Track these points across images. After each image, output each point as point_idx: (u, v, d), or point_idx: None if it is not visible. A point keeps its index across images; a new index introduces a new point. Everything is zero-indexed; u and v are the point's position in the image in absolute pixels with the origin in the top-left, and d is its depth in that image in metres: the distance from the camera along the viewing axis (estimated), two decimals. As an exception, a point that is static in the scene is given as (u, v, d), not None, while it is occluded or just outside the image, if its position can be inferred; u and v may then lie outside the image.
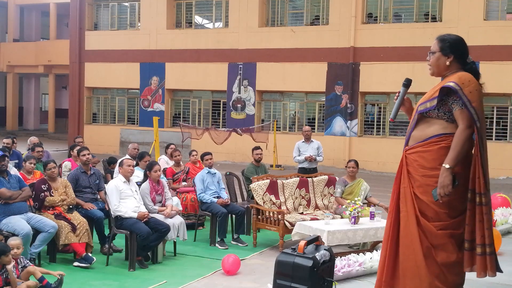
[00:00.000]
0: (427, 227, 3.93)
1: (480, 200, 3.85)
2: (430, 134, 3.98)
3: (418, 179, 3.98)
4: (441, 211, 3.92)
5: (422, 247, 3.93)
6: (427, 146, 3.97)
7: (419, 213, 3.96)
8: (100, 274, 6.35)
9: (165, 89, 20.54)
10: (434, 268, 3.93)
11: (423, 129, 4.03)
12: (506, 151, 15.99)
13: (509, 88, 15.91)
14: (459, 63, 4.05)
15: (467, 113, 3.84)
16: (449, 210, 3.93)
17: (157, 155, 12.33)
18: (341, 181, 8.15)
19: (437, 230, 3.92)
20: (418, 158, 3.99)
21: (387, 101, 17.71)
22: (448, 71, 4.05)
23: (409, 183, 4.02)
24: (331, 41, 17.92)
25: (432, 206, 3.93)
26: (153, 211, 6.98)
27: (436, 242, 3.94)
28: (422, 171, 3.96)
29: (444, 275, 3.93)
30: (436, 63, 4.07)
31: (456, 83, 3.86)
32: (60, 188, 6.89)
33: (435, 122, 3.99)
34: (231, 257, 6.41)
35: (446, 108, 3.94)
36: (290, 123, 19.48)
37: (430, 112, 4.00)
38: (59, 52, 25.38)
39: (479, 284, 5.73)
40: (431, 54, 4.09)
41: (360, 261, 6.22)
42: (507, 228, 8.60)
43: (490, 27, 16.17)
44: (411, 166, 4.03)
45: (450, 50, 4.02)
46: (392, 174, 15.68)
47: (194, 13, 20.70)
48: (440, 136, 3.94)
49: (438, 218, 3.93)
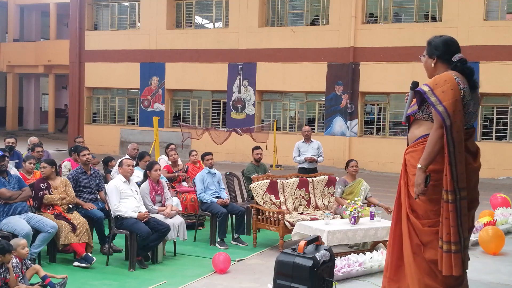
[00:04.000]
0: (416, 224, 4.06)
1: (446, 197, 3.93)
2: (418, 135, 4.15)
3: (411, 178, 4.11)
4: (429, 208, 4.03)
5: (411, 244, 4.06)
6: (416, 146, 4.13)
7: (410, 210, 4.09)
8: (100, 274, 6.35)
9: (165, 89, 20.54)
10: (424, 265, 4.03)
11: (413, 130, 4.22)
12: (506, 151, 15.98)
13: (509, 88, 15.90)
14: (446, 63, 4.14)
15: (435, 113, 3.94)
16: (437, 208, 4.00)
17: (157, 155, 12.32)
18: (341, 181, 8.14)
19: (423, 227, 4.03)
20: (409, 158, 4.16)
21: (387, 101, 17.71)
22: (437, 72, 4.17)
23: (405, 181, 4.19)
24: (331, 41, 17.93)
25: (422, 204, 4.04)
26: (153, 211, 6.98)
27: (425, 239, 4.04)
28: (413, 170, 4.07)
29: (434, 273, 4.02)
30: (425, 66, 4.26)
31: (428, 85, 4.01)
32: (60, 187, 6.89)
33: (423, 124, 4.14)
34: (221, 255, 6.45)
35: (429, 110, 4.07)
36: (290, 123, 19.48)
37: (417, 114, 4.16)
38: (59, 52, 25.36)
39: (479, 284, 5.73)
40: (423, 57, 4.27)
41: (360, 261, 6.21)
42: (507, 228, 8.60)
43: (490, 27, 16.17)
44: (407, 166, 4.19)
45: (434, 52, 4.17)
46: (392, 174, 15.74)
47: (194, 13, 20.70)
48: (425, 137, 4.07)
49: (427, 216, 4.05)
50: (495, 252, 7.29)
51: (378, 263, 6.27)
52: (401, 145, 4.41)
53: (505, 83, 15.73)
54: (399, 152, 4.47)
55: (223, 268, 6.37)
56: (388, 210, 7.71)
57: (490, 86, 15.43)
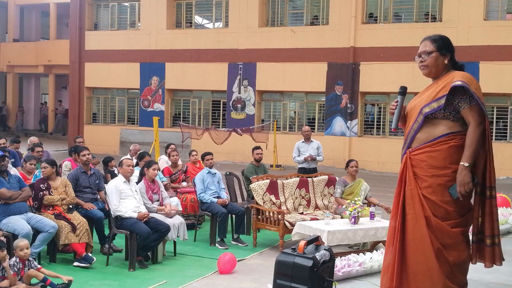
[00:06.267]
0: (439, 226, 3.93)
1: (490, 194, 3.96)
2: (437, 134, 4.00)
3: (427, 179, 3.98)
4: (451, 209, 3.94)
5: (433, 248, 3.92)
6: (436, 146, 3.98)
7: (430, 213, 3.95)
8: (100, 274, 6.35)
9: (165, 89, 20.54)
10: (446, 269, 3.93)
11: (428, 130, 4.04)
12: (506, 151, 15.98)
13: (509, 88, 15.90)
14: (452, 62, 4.14)
15: (477, 109, 3.89)
16: (458, 208, 3.96)
17: (157, 155, 12.32)
18: (341, 181, 8.15)
19: (450, 228, 3.94)
20: (426, 159, 3.99)
21: (387, 101, 17.70)
22: (444, 70, 4.12)
23: (416, 184, 4.01)
24: (331, 41, 17.93)
25: (442, 205, 3.94)
26: (152, 210, 6.98)
27: (448, 242, 3.94)
28: (432, 171, 3.96)
29: (454, 275, 3.95)
30: (435, 63, 4.12)
31: (463, 81, 3.91)
32: (60, 187, 6.89)
33: (441, 123, 4.01)
34: (227, 255, 6.44)
35: (451, 108, 3.98)
36: (290, 123, 19.48)
37: (436, 113, 4.02)
38: (59, 52, 25.37)
39: (479, 284, 5.73)
40: (427, 55, 4.14)
41: (360, 261, 6.22)
42: (507, 228, 8.61)
43: (490, 27, 16.17)
44: (418, 167, 4.02)
45: (447, 50, 4.10)
46: (392, 174, 15.73)
47: (194, 13, 20.70)
48: (448, 135, 3.97)
49: (448, 217, 3.94)
50: (495, 252, 7.28)
51: (378, 263, 6.26)
52: (401, 145, 4.33)
53: (505, 83, 15.72)
54: (399, 152, 4.38)
55: (229, 268, 6.34)
56: (388, 210, 7.70)
57: (490, 86, 15.41)
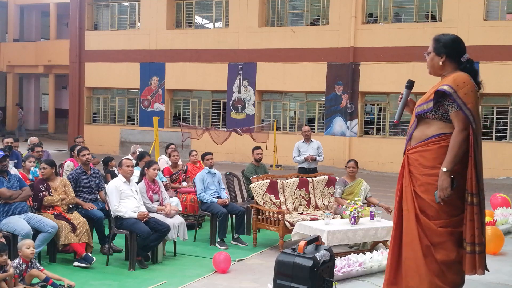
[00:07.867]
0: (427, 225, 3.98)
1: (471, 200, 3.92)
2: (429, 134, 4.05)
3: (419, 178, 4.04)
4: (442, 209, 3.97)
5: (421, 245, 3.98)
6: (427, 146, 4.04)
7: (419, 211, 4.01)
8: (100, 274, 6.34)
9: (165, 89, 20.54)
10: (434, 267, 3.97)
11: (423, 129, 4.10)
12: (506, 151, 15.98)
13: (509, 88, 15.90)
14: (454, 62, 4.10)
15: (462, 115, 3.90)
16: (450, 208, 3.98)
17: (157, 155, 12.32)
18: (341, 181, 8.14)
19: (437, 228, 3.97)
20: (419, 158, 4.06)
21: (387, 101, 17.71)
22: (444, 71, 4.13)
23: (410, 182, 4.08)
24: (331, 41, 17.93)
25: (433, 205, 3.98)
26: (152, 210, 6.98)
27: (436, 240, 3.98)
28: (423, 170, 4.02)
29: (443, 274, 3.97)
30: (431, 63, 4.16)
31: (450, 86, 3.92)
32: (60, 188, 6.89)
33: (434, 123, 4.06)
34: (222, 254, 6.45)
35: (443, 110, 4.01)
36: (290, 123, 19.48)
37: (428, 113, 4.07)
38: (59, 52, 25.36)
39: (479, 284, 5.73)
40: (427, 54, 4.17)
41: (360, 261, 6.21)
42: (507, 228, 8.60)
43: (490, 27, 16.17)
44: (413, 166, 4.09)
45: (443, 50, 4.08)
46: (392, 174, 15.72)
47: (194, 13, 20.70)
48: (439, 136, 4.01)
49: (438, 216, 3.99)
50: (495, 252, 7.29)
51: (378, 263, 6.27)
52: (401, 145, 4.35)
53: (505, 83, 15.72)
54: (399, 152, 4.41)
55: (224, 267, 6.37)
56: (388, 210, 7.72)
57: (490, 86, 15.17)
